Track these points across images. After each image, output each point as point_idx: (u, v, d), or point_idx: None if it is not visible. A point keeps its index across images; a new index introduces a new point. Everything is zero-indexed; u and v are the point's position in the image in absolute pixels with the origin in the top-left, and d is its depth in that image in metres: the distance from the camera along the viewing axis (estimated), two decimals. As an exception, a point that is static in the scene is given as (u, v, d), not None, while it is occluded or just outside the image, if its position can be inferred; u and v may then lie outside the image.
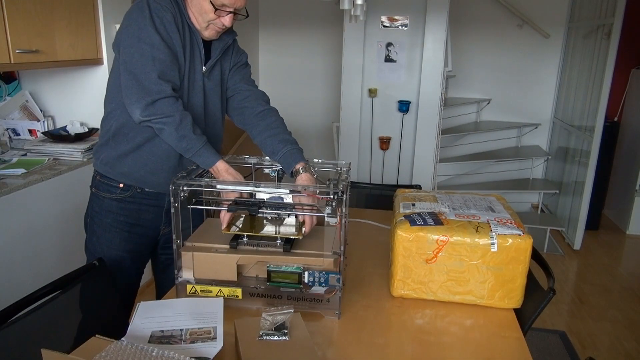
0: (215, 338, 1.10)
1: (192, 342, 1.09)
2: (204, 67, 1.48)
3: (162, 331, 1.13)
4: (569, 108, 4.04)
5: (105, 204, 1.54)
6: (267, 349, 1.06)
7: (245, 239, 1.37)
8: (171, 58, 1.37)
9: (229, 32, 1.53)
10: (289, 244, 1.34)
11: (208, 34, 1.45)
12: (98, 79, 2.62)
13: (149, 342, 1.09)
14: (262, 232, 1.35)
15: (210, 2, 1.36)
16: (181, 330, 1.13)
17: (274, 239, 1.36)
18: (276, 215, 1.37)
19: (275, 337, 1.09)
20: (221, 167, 1.39)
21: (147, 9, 1.34)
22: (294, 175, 1.44)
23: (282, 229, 1.36)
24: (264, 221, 1.39)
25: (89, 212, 1.59)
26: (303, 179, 1.41)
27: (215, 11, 1.38)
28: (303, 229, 1.34)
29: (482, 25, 4.22)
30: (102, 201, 1.54)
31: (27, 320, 1.16)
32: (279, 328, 1.11)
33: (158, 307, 1.24)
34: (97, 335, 0.99)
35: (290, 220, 1.38)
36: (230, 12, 1.39)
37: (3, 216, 1.92)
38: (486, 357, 1.17)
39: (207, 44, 1.49)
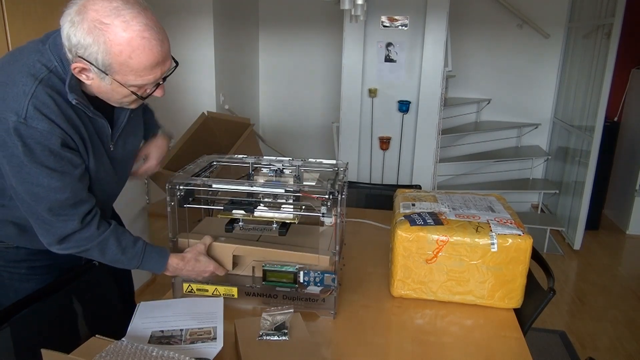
0: (215, 338, 1.10)
1: (192, 342, 1.09)
2: (111, 146, 1.22)
3: (162, 331, 1.13)
4: (569, 108, 4.04)
5: (11, 253, 1.26)
6: (267, 349, 1.06)
7: (241, 223, 1.37)
8: None
9: None
10: (285, 229, 1.35)
11: (134, 106, 1.18)
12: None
13: (149, 342, 1.09)
14: (258, 215, 1.32)
15: (128, 89, 1.05)
16: (181, 330, 1.13)
17: (270, 223, 1.36)
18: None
19: (275, 337, 1.09)
20: (174, 263, 1.25)
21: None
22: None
23: (278, 215, 1.33)
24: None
25: None
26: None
27: (139, 92, 1.08)
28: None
29: (482, 25, 4.22)
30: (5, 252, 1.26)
31: (27, 320, 1.16)
32: (279, 328, 1.11)
33: (158, 307, 1.24)
34: (97, 335, 0.99)
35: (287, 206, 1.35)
36: (159, 84, 1.09)
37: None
38: (486, 357, 1.17)
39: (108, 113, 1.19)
